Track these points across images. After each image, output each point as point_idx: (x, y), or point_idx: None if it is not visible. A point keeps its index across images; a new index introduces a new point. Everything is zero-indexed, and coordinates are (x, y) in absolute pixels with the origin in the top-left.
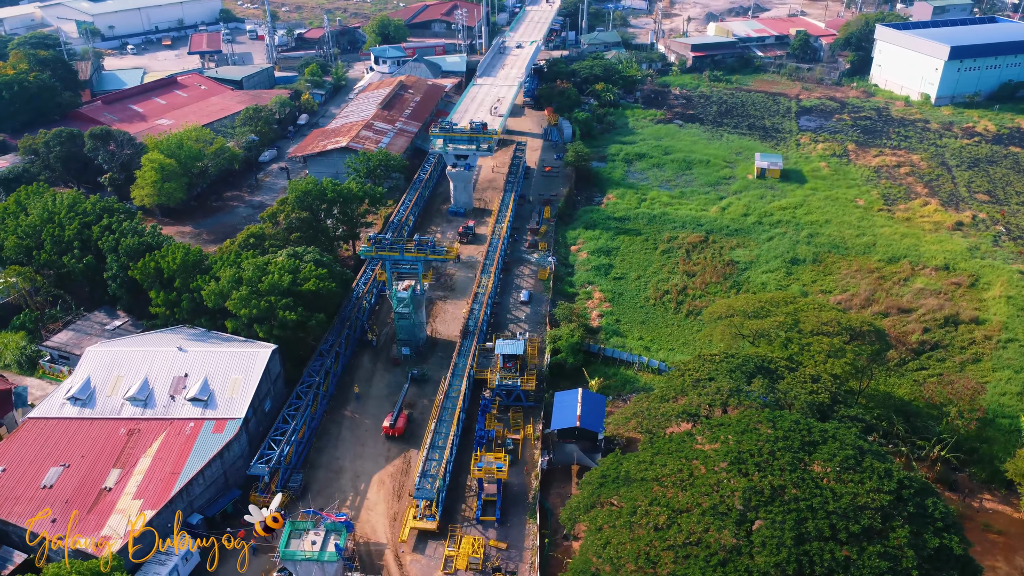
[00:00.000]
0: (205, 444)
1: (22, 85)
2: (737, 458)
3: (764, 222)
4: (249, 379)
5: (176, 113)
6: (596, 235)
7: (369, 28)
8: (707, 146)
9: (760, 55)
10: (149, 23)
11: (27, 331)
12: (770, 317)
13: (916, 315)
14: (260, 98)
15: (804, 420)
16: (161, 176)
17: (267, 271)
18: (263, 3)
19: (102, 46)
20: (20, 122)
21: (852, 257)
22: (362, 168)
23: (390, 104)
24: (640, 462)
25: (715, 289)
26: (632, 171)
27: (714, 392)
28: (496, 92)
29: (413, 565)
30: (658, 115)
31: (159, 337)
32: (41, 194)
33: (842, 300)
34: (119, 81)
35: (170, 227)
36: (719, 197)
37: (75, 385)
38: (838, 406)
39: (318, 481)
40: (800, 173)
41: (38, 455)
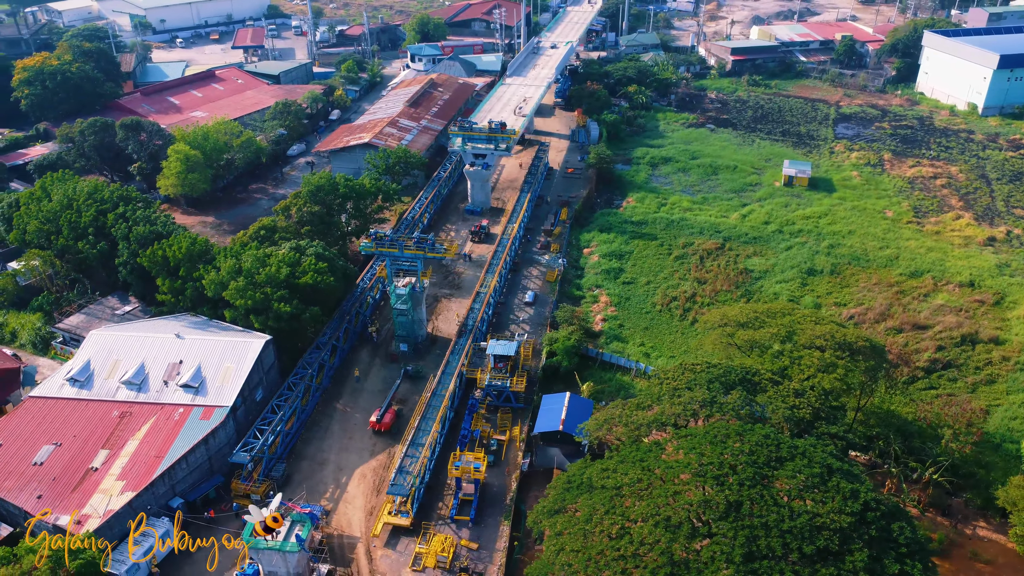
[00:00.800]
0: (191, 430)
1: (65, 76)
2: (697, 471)
3: (785, 231)
4: (240, 368)
5: (211, 106)
6: (610, 238)
7: (409, 26)
8: (736, 151)
9: (803, 60)
10: (199, 18)
11: (44, 313)
12: (764, 328)
13: (931, 332)
14: (294, 93)
15: (775, 435)
16: (185, 167)
17: (266, 263)
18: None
19: (153, 39)
20: (63, 111)
21: (872, 270)
22: (381, 164)
23: (417, 102)
24: (603, 470)
25: (725, 297)
26: (656, 175)
27: (686, 402)
28: (523, 92)
29: (383, 560)
30: (690, 119)
31: (161, 323)
32: (64, 181)
33: (855, 314)
34: (161, 73)
35: (193, 217)
36: (742, 204)
37: (75, 367)
38: (820, 422)
39: (301, 472)
40: (829, 182)
41: (33, 432)
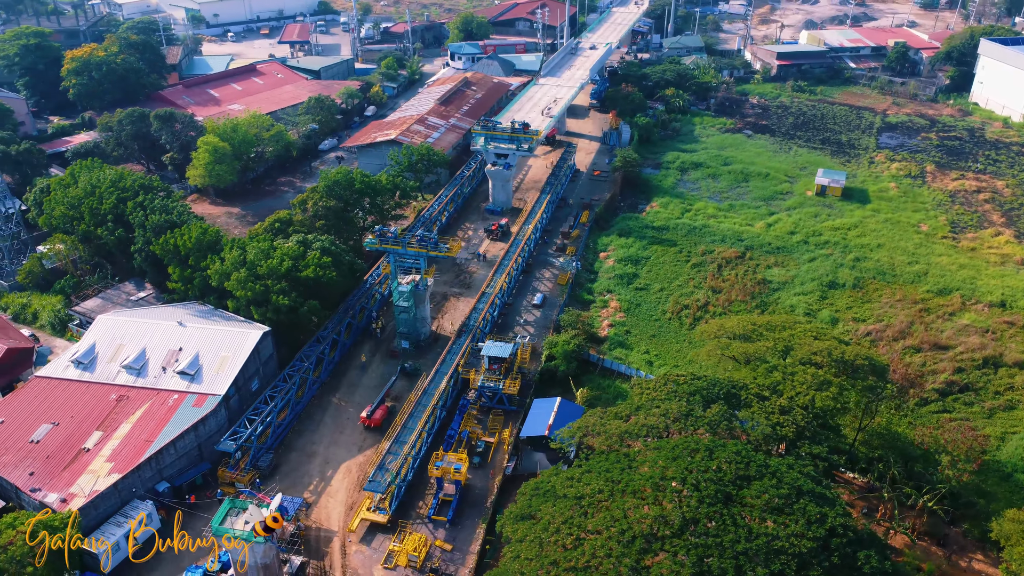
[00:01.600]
0: (183, 416)
1: (110, 67)
2: (658, 484)
3: (810, 242)
4: (236, 358)
5: (249, 99)
6: (628, 243)
7: (453, 24)
8: (771, 159)
9: (852, 66)
10: (251, 12)
11: (64, 295)
12: (761, 341)
13: (952, 353)
14: (331, 88)
15: (747, 452)
16: (213, 158)
17: (270, 255)
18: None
19: (206, 33)
20: (107, 101)
21: (898, 285)
22: (404, 161)
23: (448, 100)
24: (568, 478)
25: (739, 308)
26: (685, 180)
27: (661, 414)
28: (555, 93)
29: (356, 556)
30: (728, 124)
31: (168, 311)
32: (91, 169)
33: (874, 330)
34: (206, 67)
35: (220, 207)
36: (769, 212)
37: (80, 349)
38: (803, 441)
39: (289, 463)
40: (865, 193)
41: (34, 411)
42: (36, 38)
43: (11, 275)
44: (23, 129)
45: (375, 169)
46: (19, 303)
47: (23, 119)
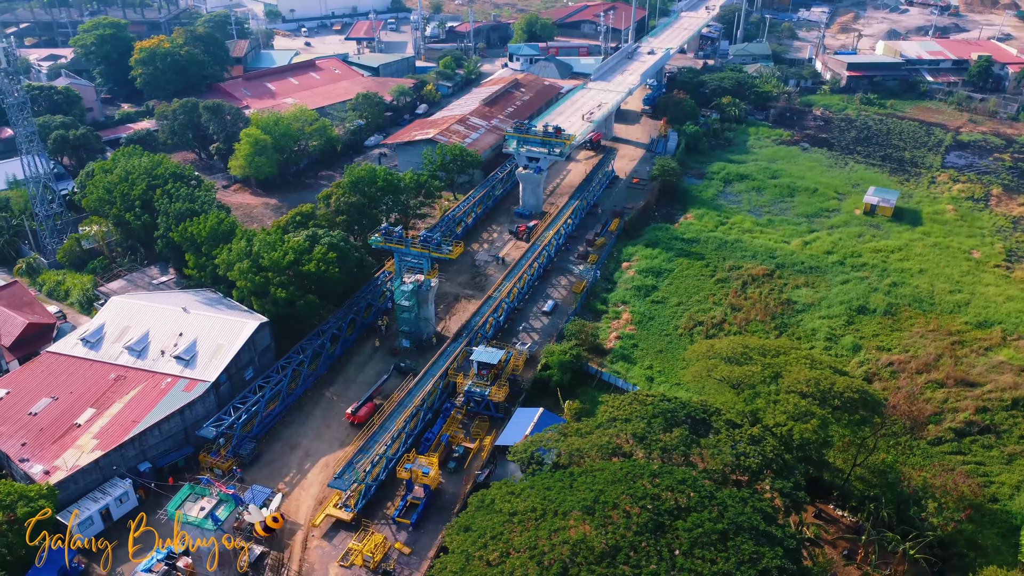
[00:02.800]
0: (171, 400)
1: (174, 58)
2: (588, 507)
3: (847, 263)
4: (231, 346)
5: (303, 93)
6: (654, 254)
7: (518, 25)
8: (823, 174)
9: (929, 80)
10: (326, 9)
11: (95, 275)
12: (749, 365)
13: (979, 391)
14: (386, 85)
15: (693, 481)
16: (254, 150)
17: (276, 248)
18: None
19: (282, 28)
20: (170, 91)
21: (934, 315)
22: (437, 160)
23: (494, 101)
24: (508, 493)
25: (756, 327)
26: (727, 192)
27: (615, 434)
28: (601, 97)
29: (316, 551)
30: (784, 135)
31: (177, 296)
32: (130, 156)
33: (896, 361)
34: (271, 60)
35: (259, 198)
36: (809, 230)
37: (90, 328)
38: (766, 473)
39: (271, 453)
40: (917, 214)
41: (39, 385)
42: (112, 28)
43: (52, 253)
44: (91, 115)
45: (413, 167)
46: (54, 280)
47: (91, 105)
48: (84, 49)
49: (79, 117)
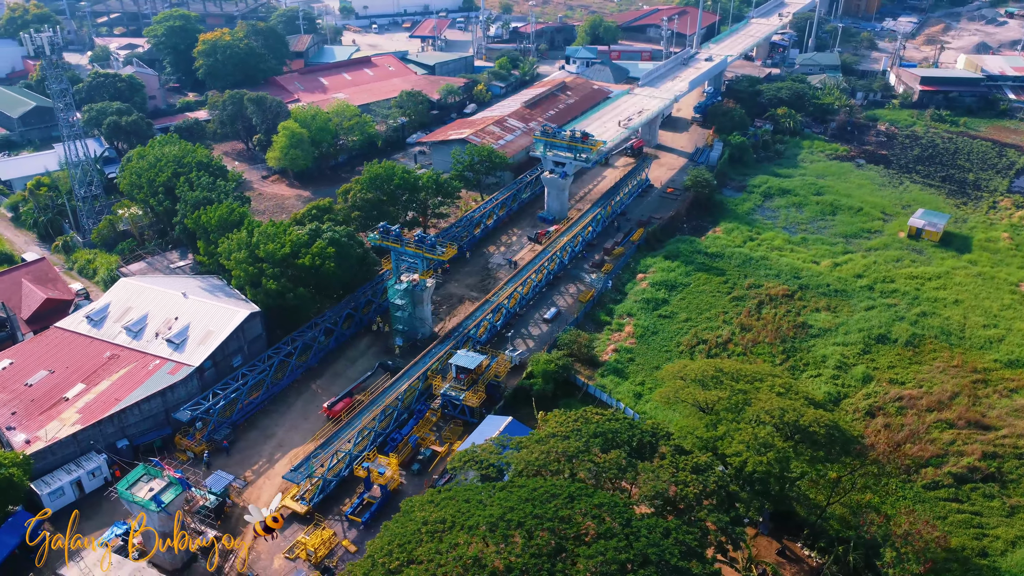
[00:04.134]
0: (155, 381)
1: (233, 50)
2: (494, 524)
3: (877, 288)
4: (220, 333)
5: (354, 89)
6: (671, 267)
7: (581, 28)
8: (873, 193)
9: (1011, 98)
10: (398, 6)
11: (122, 256)
12: (719, 389)
13: (992, 435)
14: (438, 84)
15: (612, 506)
16: (290, 142)
17: (274, 239)
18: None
19: (355, 23)
20: (228, 82)
21: (961, 349)
22: (466, 160)
23: (536, 104)
24: (429, 501)
25: (762, 350)
26: (765, 207)
27: (546, 450)
28: (644, 103)
29: (263, 541)
30: (840, 150)
31: (181, 281)
32: (164, 144)
33: (907, 396)
34: (331, 56)
35: (293, 189)
36: (844, 251)
37: (96, 307)
38: (704, 506)
39: (247, 440)
40: (967, 240)
41: (40, 357)
42: (180, 20)
43: (88, 233)
44: (153, 103)
45: (446, 165)
46: (85, 259)
47: (154, 93)
48: (155, 40)
49: (140, 104)
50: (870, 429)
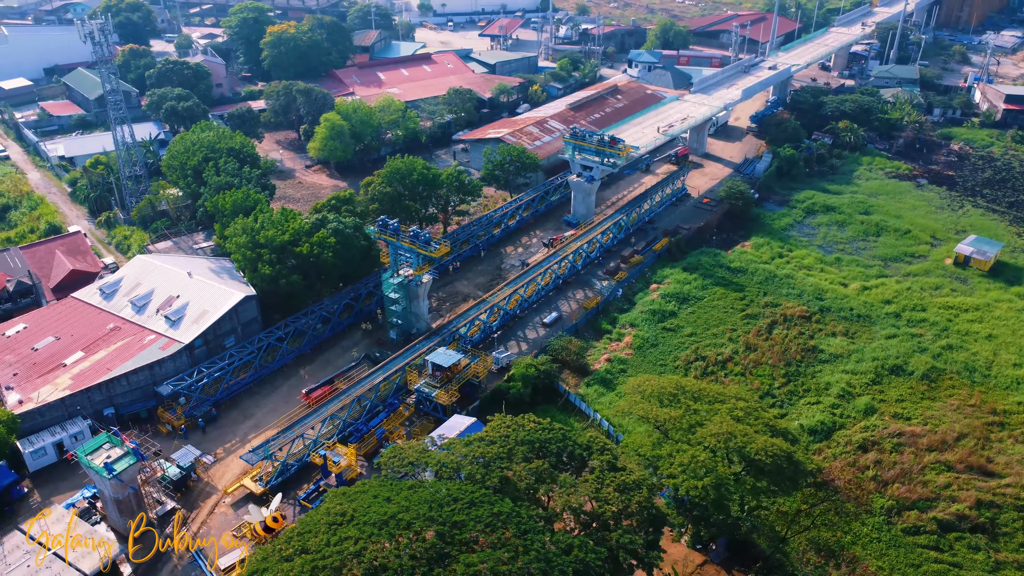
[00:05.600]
0: (146, 355)
1: (296, 42)
2: (384, 522)
3: (904, 316)
4: (213, 314)
5: (409, 84)
6: (688, 279)
7: (652, 32)
8: (927, 216)
9: None
10: (476, 5)
11: (155, 233)
12: (674, 407)
13: (992, 483)
14: (492, 82)
15: (515, 516)
16: (330, 134)
17: (276, 226)
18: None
19: (431, 21)
20: (291, 73)
21: (981, 388)
22: (496, 160)
23: (582, 106)
24: (342, 494)
25: (762, 372)
26: (804, 223)
27: (465, 454)
28: (690, 110)
29: (219, 516)
30: (902, 168)
31: (190, 261)
32: (203, 130)
33: (906, 433)
34: (396, 51)
35: (332, 180)
36: (879, 274)
37: (110, 280)
38: (617, 530)
39: (228, 418)
40: (1020, 273)
41: (51, 324)
42: (253, 12)
43: (129, 211)
44: (219, 90)
45: (422, 160)
46: (123, 234)
47: (221, 81)
48: (230, 30)
49: (206, 91)
50: (836, 463)
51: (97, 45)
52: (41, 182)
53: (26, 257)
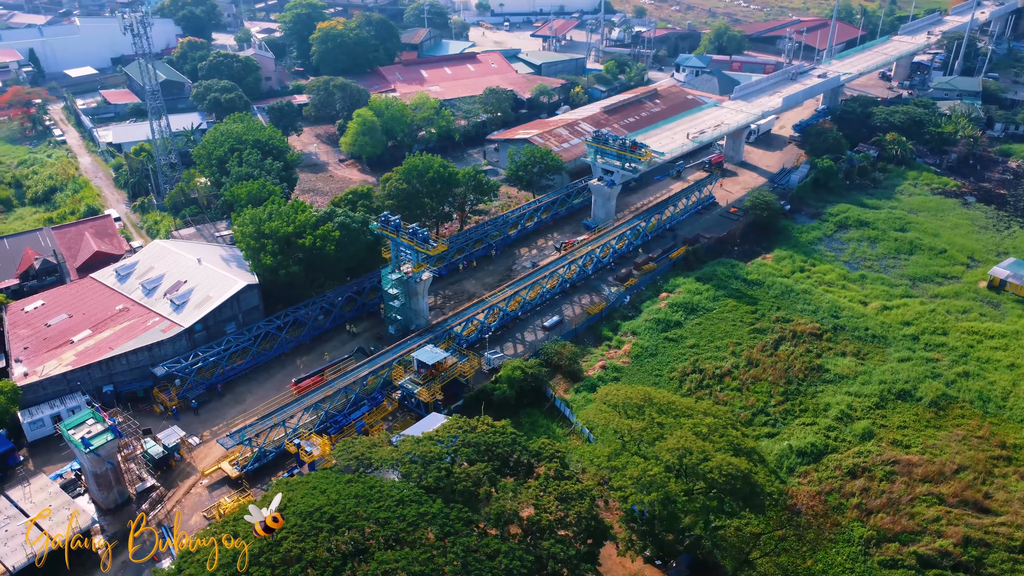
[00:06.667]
0: (147, 337)
1: (343, 39)
2: (308, 513)
3: (922, 339)
4: (215, 300)
5: (451, 83)
6: (700, 289)
7: (706, 36)
8: (968, 234)
9: None
10: (534, 5)
11: (183, 220)
12: (638, 419)
13: (985, 520)
14: (532, 83)
15: (438, 517)
16: (361, 129)
17: (281, 218)
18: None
19: (489, 20)
20: (337, 69)
21: (993, 419)
22: (520, 160)
23: (616, 110)
24: (285, 483)
25: (760, 388)
26: (834, 237)
27: (406, 451)
28: (725, 117)
29: (194, 497)
30: (950, 185)
31: (201, 248)
32: (235, 122)
33: (901, 462)
34: (445, 49)
35: (362, 175)
36: (904, 294)
37: (127, 263)
38: (548, 541)
39: (219, 402)
40: None
41: (67, 302)
42: (306, 9)
43: (162, 197)
44: (268, 84)
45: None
46: (154, 220)
47: (270, 75)
48: (284, 25)
49: (254, 84)
50: (803, 489)
51: (137, 37)
52: (91, 166)
53: (57, 237)
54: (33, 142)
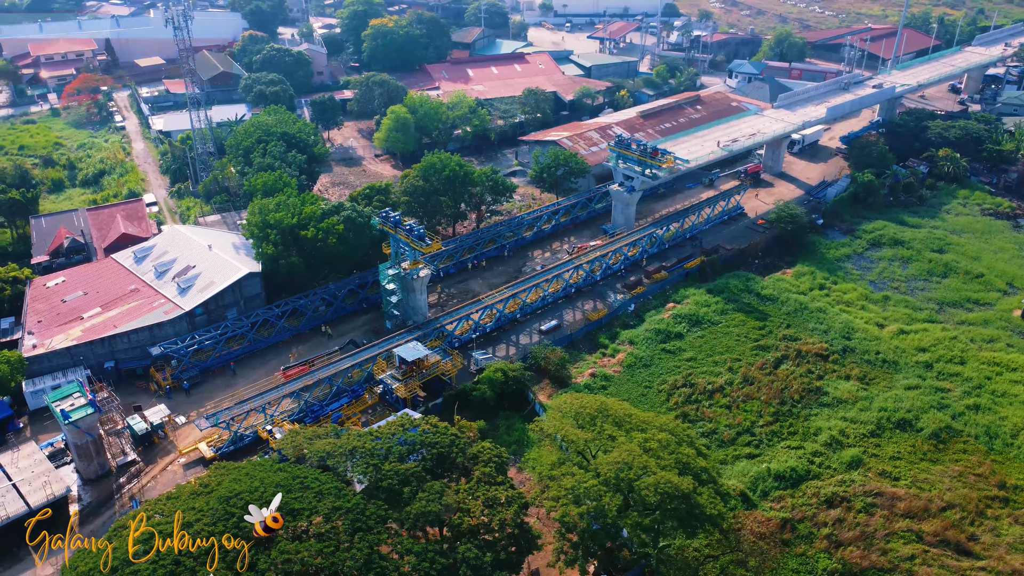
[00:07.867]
0: (150, 317)
1: (392, 36)
2: (227, 498)
3: (936, 367)
4: (218, 286)
5: (495, 82)
6: (708, 301)
7: (767, 42)
8: (1011, 259)
9: None
10: (598, 7)
11: (213, 206)
12: (589, 429)
13: (965, 563)
14: (576, 84)
15: (352, 511)
16: (394, 126)
17: (288, 209)
18: (726, 4)
19: (551, 21)
20: (386, 65)
21: (997, 456)
22: (544, 162)
23: (653, 115)
24: (218, 467)
25: (751, 407)
26: (864, 255)
27: (337, 446)
28: (763, 126)
29: (170, 474)
30: (1003, 205)
31: (213, 235)
32: (270, 114)
33: (885, 494)
34: (497, 49)
35: (393, 170)
36: (927, 319)
37: (145, 246)
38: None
39: (211, 385)
40: None
41: (86, 280)
42: (363, 5)
43: (197, 184)
44: (320, 78)
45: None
46: (187, 205)
47: (322, 69)
48: (342, 21)
49: (305, 78)
50: (753, 514)
51: (178, 30)
52: (143, 152)
53: (90, 218)
54: (95, 127)
